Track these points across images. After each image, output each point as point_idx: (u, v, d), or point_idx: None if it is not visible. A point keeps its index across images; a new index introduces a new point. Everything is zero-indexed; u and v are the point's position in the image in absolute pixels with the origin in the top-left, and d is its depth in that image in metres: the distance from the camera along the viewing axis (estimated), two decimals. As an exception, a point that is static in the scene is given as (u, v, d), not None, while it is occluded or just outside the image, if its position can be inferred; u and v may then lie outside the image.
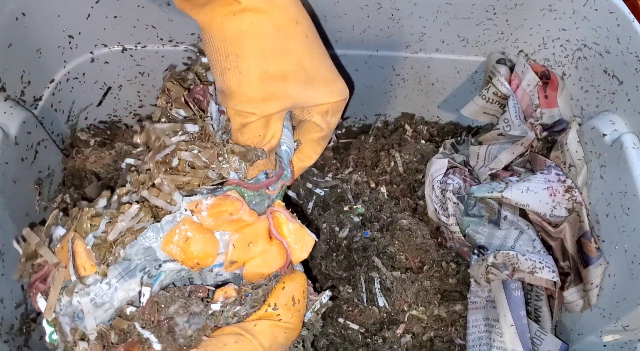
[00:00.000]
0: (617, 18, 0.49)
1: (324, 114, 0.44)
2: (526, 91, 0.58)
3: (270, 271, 0.39)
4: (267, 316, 0.36)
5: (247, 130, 0.41)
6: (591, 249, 0.50)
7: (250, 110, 0.40)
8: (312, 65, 0.42)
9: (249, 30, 0.38)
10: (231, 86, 0.39)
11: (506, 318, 0.49)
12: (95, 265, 0.36)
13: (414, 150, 0.64)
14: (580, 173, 0.53)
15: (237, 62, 0.38)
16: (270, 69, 0.39)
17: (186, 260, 0.37)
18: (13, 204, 0.49)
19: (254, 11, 0.38)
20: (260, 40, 0.39)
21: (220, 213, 0.37)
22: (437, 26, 0.58)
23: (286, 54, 0.40)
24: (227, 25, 0.38)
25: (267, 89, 0.39)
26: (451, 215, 0.55)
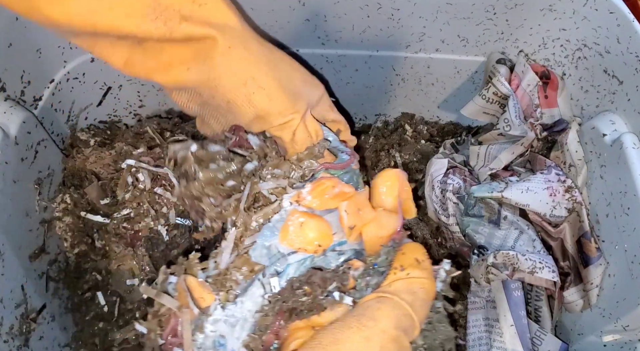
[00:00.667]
0: (617, 18, 0.49)
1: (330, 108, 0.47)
2: (526, 91, 0.58)
3: (389, 232, 0.39)
4: (399, 278, 0.36)
5: (297, 137, 0.42)
6: (591, 249, 0.50)
7: (291, 117, 0.41)
8: (297, 68, 0.45)
9: (249, 54, 0.40)
10: (264, 106, 0.40)
11: (506, 318, 0.49)
12: (213, 293, 0.36)
13: (414, 150, 0.64)
14: (580, 173, 0.53)
15: (257, 83, 0.40)
16: (280, 76, 0.41)
17: (307, 245, 0.37)
18: (13, 204, 0.49)
19: (242, 45, 0.39)
20: (260, 57, 0.40)
21: (322, 192, 0.38)
22: (437, 26, 0.58)
23: (277, 62, 0.42)
24: (228, 61, 0.39)
25: (290, 92, 0.41)
26: (451, 215, 0.55)
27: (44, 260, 0.54)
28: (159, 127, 0.60)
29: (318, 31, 0.59)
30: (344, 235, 0.39)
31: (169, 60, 0.38)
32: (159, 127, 0.60)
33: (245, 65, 0.39)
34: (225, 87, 0.39)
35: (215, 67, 0.38)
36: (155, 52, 0.38)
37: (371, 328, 0.32)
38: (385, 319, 0.33)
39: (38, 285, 0.52)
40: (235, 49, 0.39)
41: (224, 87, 0.39)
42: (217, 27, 0.38)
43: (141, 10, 0.36)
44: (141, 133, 0.60)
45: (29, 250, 0.52)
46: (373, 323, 0.32)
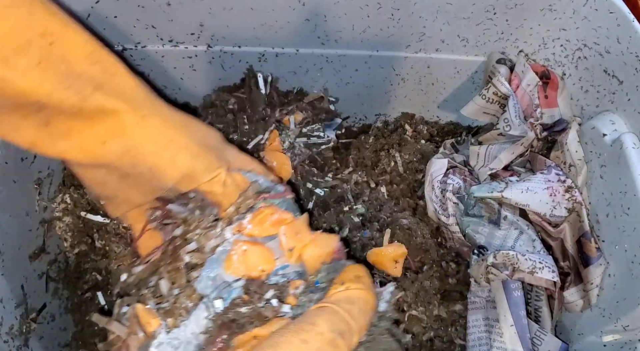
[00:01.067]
0: (617, 18, 0.49)
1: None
2: (526, 91, 0.58)
3: (327, 251, 0.40)
4: (339, 291, 0.37)
5: (229, 188, 0.42)
6: (591, 249, 0.50)
7: (218, 171, 0.41)
8: (210, 129, 0.45)
9: (164, 120, 0.39)
10: (190, 165, 0.40)
11: (506, 318, 0.49)
12: (159, 318, 0.37)
13: (414, 150, 0.64)
14: (580, 173, 0.53)
15: (177, 145, 0.39)
16: (197, 136, 0.41)
17: (251, 271, 0.39)
18: (13, 204, 0.49)
19: (155, 112, 0.39)
20: (175, 121, 0.40)
21: (262, 219, 0.40)
22: (437, 26, 0.58)
23: (191, 124, 0.42)
24: (145, 129, 0.38)
25: (207, 146, 0.41)
26: (451, 215, 0.55)
27: (44, 260, 0.54)
28: (159, 127, 0.60)
29: (318, 31, 0.59)
30: (286, 259, 0.40)
31: (81, 137, 0.37)
32: (159, 127, 0.60)
33: (163, 130, 0.38)
34: (146, 154, 0.38)
35: (133, 137, 0.37)
36: (65, 131, 0.37)
37: (308, 331, 0.33)
38: (323, 323, 0.33)
39: (38, 285, 0.52)
40: (150, 117, 0.38)
41: (145, 154, 0.38)
42: (129, 98, 0.37)
43: (54, 77, 0.34)
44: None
45: (28, 250, 0.52)
46: (311, 327, 0.33)
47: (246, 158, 0.46)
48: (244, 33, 0.59)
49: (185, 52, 0.61)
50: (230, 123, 0.58)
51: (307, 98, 0.63)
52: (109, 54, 0.38)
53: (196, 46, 0.60)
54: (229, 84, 0.65)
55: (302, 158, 0.58)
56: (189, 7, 0.55)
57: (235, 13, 0.56)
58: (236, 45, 0.61)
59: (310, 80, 0.65)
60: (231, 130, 0.58)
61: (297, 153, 0.58)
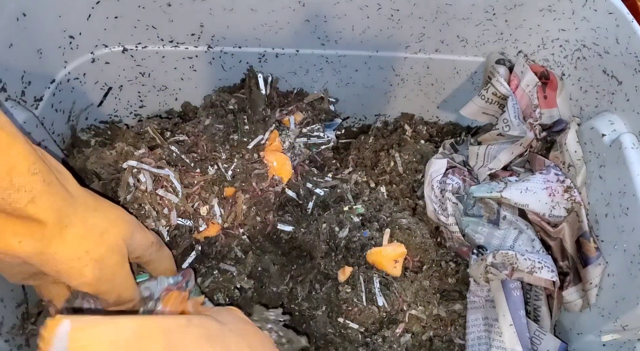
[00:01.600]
0: (616, 18, 0.50)
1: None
2: (525, 91, 0.58)
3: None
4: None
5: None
6: (590, 249, 0.50)
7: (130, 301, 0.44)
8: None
9: (85, 231, 0.40)
10: (95, 275, 0.40)
11: (505, 318, 0.49)
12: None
13: (414, 150, 0.64)
14: (579, 173, 0.53)
15: (91, 255, 0.40)
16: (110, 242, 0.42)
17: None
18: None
19: (79, 222, 0.39)
20: (94, 231, 0.41)
21: (174, 301, 0.46)
22: (436, 27, 0.58)
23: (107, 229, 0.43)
24: (63, 238, 0.38)
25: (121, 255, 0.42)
26: (450, 215, 0.55)
27: (45, 259, 0.54)
28: (160, 127, 0.60)
29: (318, 32, 0.59)
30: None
31: (1, 228, 0.37)
32: (160, 127, 0.60)
33: (81, 242, 0.39)
34: (57, 261, 0.38)
35: (50, 245, 0.38)
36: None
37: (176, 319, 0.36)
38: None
39: (39, 285, 0.52)
40: (73, 228, 0.39)
41: (56, 261, 0.38)
42: (60, 207, 0.38)
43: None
44: (142, 134, 0.60)
45: (29, 250, 0.52)
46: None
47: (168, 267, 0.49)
48: (244, 34, 0.59)
49: (185, 53, 0.61)
50: (230, 124, 0.58)
51: (307, 98, 0.63)
52: (46, 164, 0.38)
53: (197, 47, 0.60)
54: (229, 84, 0.65)
55: (302, 158, 0.58)
56: (189, 8, 0.55)
57: (235, 14, 0.56)
58: (236, 45, 0.61)
59: (310, 81, 0.65)
60: (231, 130, 0.58)
61: (297, 153, 0.58)
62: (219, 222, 0.53)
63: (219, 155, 0.55)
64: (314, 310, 0.53)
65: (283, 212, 0.57)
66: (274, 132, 0.58)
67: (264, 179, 0.54)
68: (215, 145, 0.55)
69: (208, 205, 0.52)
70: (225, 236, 0.54)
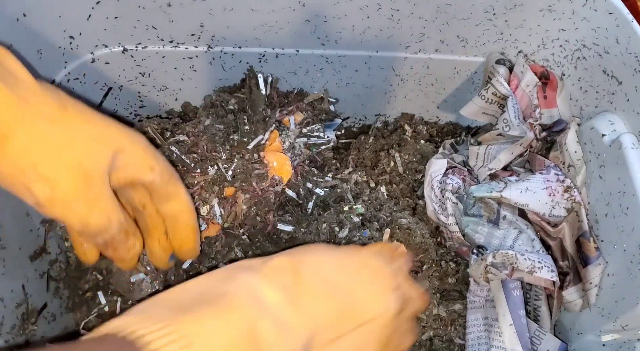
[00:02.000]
0: (616, 18, 0.50)
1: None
2: (525, 91, 0.58)
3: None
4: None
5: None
6: (590, 249, 0.50)
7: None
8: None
9: (41, 137, 0.35)
10: (48, 196, 0.36)
11: (505, 318, 0.49)
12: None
13: (414, 150, 0.64)
14: (579, 173, 0.53)
15: (36, 170, 0.35)
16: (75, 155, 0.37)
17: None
18: (13, 204, 0.49)
19: (28, 127, 0.35)
20: (55, 133, 0.36)
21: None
22: (436, 27, 0.58)
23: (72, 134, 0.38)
24: (4, 150, 0.34)
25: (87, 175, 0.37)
26: (450, 215, 0.55)
27: (45, 259, 0.54)
28: (160, 127, 0.60)
29: (318, 32, 0.59)
30: None
31: None
32: (160, 127, 0.60)
33: (24, 155, 0.34)
34: (1, 175, 0.35)
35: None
36: None
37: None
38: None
39: (39, 285, 0.52)
40: (14, 138, 0.34)
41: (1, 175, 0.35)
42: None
43: None
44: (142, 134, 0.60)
45: (29, 250, 0.52)
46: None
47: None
48: (244, 34, 0.59)
49: (185, 53, 0.61)
50: (230, 124, 0.58)
51: (307, 98, 0.63)
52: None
53: (197, 47, 0.60)
54: (229, 85, 0.65)
55: (302, 158, 0.59)
56: (189, 8, 0.55)
57: (235, 14, 0.56)
58: (236, 45, 0.61)
59: (310, 81, 0.65)
60: (231, 130, 0.58)
61: (297, 153, 0.58)
62: (219, 222, 0.53)
63: (219, 155, 0.55)
64: (314, 310, 0.53)
65: (283, 212, 0.57)
66: (274, 132, 0.58)
67: (264, 179, 0.54)
68: (216, 145, 0.55)
69: (208, 205, 0.52)
70: (225, 236, 0.54)
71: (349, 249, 0.39)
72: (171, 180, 0.43)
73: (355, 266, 0.37)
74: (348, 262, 0.37)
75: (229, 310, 0.29)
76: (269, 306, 0.31)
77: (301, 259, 0.35)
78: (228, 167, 0.54)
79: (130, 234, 0.43)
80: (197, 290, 0.31)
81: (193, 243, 0.46)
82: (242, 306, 0.30)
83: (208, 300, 0.29)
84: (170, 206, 0.43)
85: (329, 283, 0.35)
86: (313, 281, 0.34)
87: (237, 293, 0.30)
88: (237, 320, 0.29)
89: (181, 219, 0.44)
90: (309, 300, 0.33)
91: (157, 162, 0.41)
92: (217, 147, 0.55)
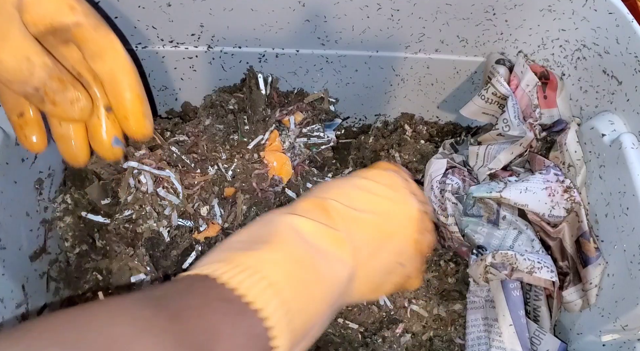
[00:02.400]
0: (617, 19, 0.50)
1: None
2: (525, 91, 0.58)
3: None
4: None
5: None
6: (590, 249, 0.50)
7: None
8: None
9: None
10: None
11: (505, 318, 0.49)
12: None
13: (414, 150, 0.64)
14: (579, 173, 0.53)
15: None
16: None
17: None
18: (14, 204, 0.49)
19: None
20: None
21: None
22: (436, 27, 0.58)
23: None
24: None
25: None
26: (450, 215, 0.55)
27: (45, 260, 0.54)
28: (160, 127, 0.60)
29: (318, 32, 0.59)
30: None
31: None
32: (160, 127, 0.60)
33: None
34: None
35: None
36: None
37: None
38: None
39: (39, 285, 0.52)
40: None
41: None
42: None
43: None
44: (141, 134, 0.60)
45: (29, 250, 0.52)
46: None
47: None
48: (244, 34, 0.59)
49: (185, 53, 0.61)
50: (230, 124, 0.58)
51: (307, 98, 0.63)
52: None
53: (196, 47, 0.60)
54: (229, 85, 0.65)
55: (302, 158, 0.59)
56: (189, 8, 0.55)
57: (235, 14, 0.56)
58: (236, 45, 0.61)
59: (310, 81, 0.65)
60: (231, 131, 0.58)
61: (297, 153, 0.58)
62: (219, 222, 0.53)
63: (219, 155, 0.55)
64: (314, 310, 0.53)
65: (283, 212, 0.57)
66: (274, 132, 0.58)
67: (264, 179, 0.54)
68: (216, 145, 0.56)
69: (208, 205, 0.52)
70: (225, 236, 0.54)
71: (357, 176, 0.41)
72: (100, 29, 0.38)
73: (371, 186, 0.40)
74: (363, 184, 0.40)
75: (280, 245, 0.32)
76: (309, 238, 0.34)
77: (323, 196, 0.37)
78: (228, 167, 0.54)
79: (68, 83, 0.38)
80: (247, 236, 0.34)
81: (139, 114, 0.40)
82: (289, 240, 0.33)
83: (261, 241, 0.32)
84: (104, 64, 0.38)
85: (355, 207, 0.37)
86: (340, 210, 0.37)
87: (282, 231, 0.33)
88: (289, 251, 0.32)
89: (119, 79, 0.39)
90: (342, 226, 0.36)
91: (77, 2, 0.37)
92: (217, 147, 0.55)
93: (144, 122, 0.41)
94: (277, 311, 0.29)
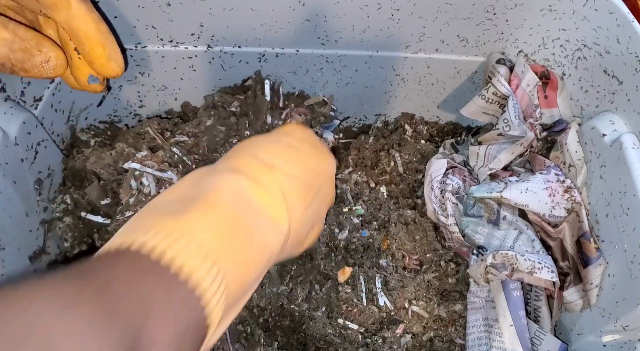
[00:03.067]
0: (617, 18, 0.49)
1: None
2: (526, 91, 0.58)
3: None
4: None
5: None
6: (591, 249, 0.50)
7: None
8: None
9: None
10: None
11: (505, 318, 0.49)
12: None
13: (414, 150, 0.64)
14: (579, 173, 0.53)
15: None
16: None
17: None
18: (13, 205, 0.49)
19: None
20: None
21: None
22: (436, 26, 0.58)
23: None
24: None
25: None
26: (450, 215, 0.55)
27: (44, 260, 0.54)
28: (160, 127, 0.60)
29: (318, 31, 0.59)
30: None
31: None
32: (160, 127, 0.60)
33: None
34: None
35: None
36: None
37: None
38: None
39: (38, 285, 0.52)
40: None
41: None
42: None
43: None
44: (142, 134, 0.60)
45: (29, 251, 0.52)
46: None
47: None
48: (244, 33, 0.59)
49: (185, 53, 0.61)
50: (232, 126, 0.58)
51: (307, 101, 0.63)
52: None
53: (196, 46, 0.60)
54: (229, 84, 0.65)
55: (302, 159, 0.58)
56: (189, 8, 0.55)
57: (235, 13, 0.56)
58: (236, 45, 0.61)
59: (310, 81, 0.65)
60: (232, 133, 0.58)
61: (297, 154, 0.58)
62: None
63: (220, 156, 0.55)
64: (313, 311, 0.53)
65: (283, 212, 0.57)
66: (274, 132, 0.58)
67: (264, 179, 0.54)
68: (216, 146, 0.55)
69: (208, 205, 0.52)
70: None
71: (281, 133, 0.42)
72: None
73: (298, 144, 0.40)
74: (290, 143, 0.40)
75: (214, 207, 0.31)
76: (245, 199, 0.32)
77: (255, 154, 0.36)
78: (228, 167, 0.54)
79: (34, 48, 0.38)
80: (177, 196, 0.32)
81: (103, 58, 0.42)
82: (224, 201, 0.31)
83: (192, 202, 0.31)
84: (59, 14, 0.39)
85: (287, 165, 0.37)
86: (275, 168, 0.36)
87: (217, 191, 0.32)
88: (224, 214, 0.31)
89: (77, 28, 0.39)
90: (277, 185, 0.35)
91: None
92: (218, 148, 0.55)
93: (109, 65, 0.43)
94: (210, 280, 0.28)
